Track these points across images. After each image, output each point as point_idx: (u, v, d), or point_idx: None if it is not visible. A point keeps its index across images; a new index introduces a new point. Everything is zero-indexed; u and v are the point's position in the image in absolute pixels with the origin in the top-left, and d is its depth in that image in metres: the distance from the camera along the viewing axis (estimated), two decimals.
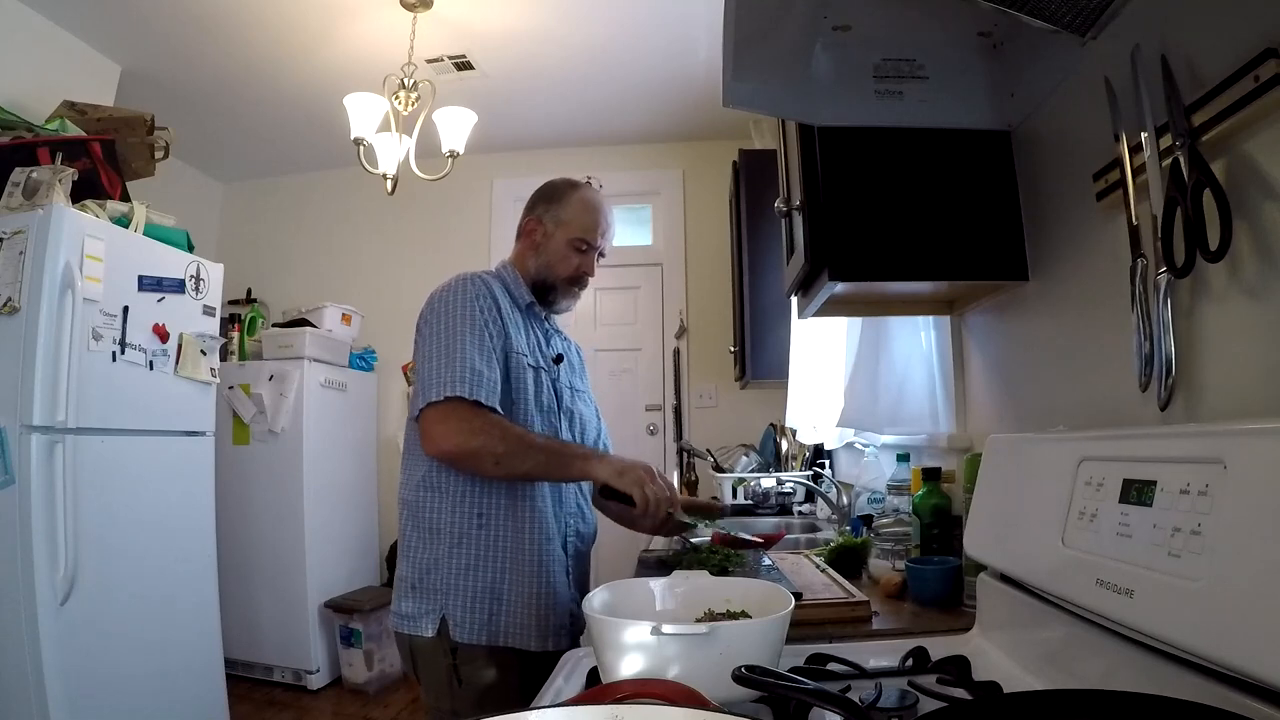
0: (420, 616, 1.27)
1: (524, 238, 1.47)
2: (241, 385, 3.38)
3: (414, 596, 1.29)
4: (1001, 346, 1.25)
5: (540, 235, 1.44)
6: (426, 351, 1.29)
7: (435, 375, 1.24)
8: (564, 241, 1.42)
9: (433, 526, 1.30)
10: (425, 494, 1.31)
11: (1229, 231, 0.65)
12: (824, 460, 2.50)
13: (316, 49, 2.95)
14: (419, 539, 1.31)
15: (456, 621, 1.25)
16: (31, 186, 2.14)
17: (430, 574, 1.28)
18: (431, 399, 1.23)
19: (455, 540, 1.28)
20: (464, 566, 1.27)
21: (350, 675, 3.28)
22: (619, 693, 0.61)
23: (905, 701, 0.68)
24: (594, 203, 1.45)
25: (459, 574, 1.27)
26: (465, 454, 1.23)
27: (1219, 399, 0.72)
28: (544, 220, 1.44)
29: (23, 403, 1.97)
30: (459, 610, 1.26)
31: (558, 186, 1.47)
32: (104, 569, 2.13)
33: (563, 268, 1.43)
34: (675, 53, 3.04)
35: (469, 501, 1.29)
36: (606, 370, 3.85)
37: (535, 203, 1.47)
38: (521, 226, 1.48)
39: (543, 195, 1.47)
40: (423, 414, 1.25)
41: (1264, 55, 0.63)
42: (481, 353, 1.27)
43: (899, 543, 1.32)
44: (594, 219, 1.44)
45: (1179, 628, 0.55)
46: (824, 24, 1.04)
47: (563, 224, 1.43)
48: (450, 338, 1.27)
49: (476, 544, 1.28)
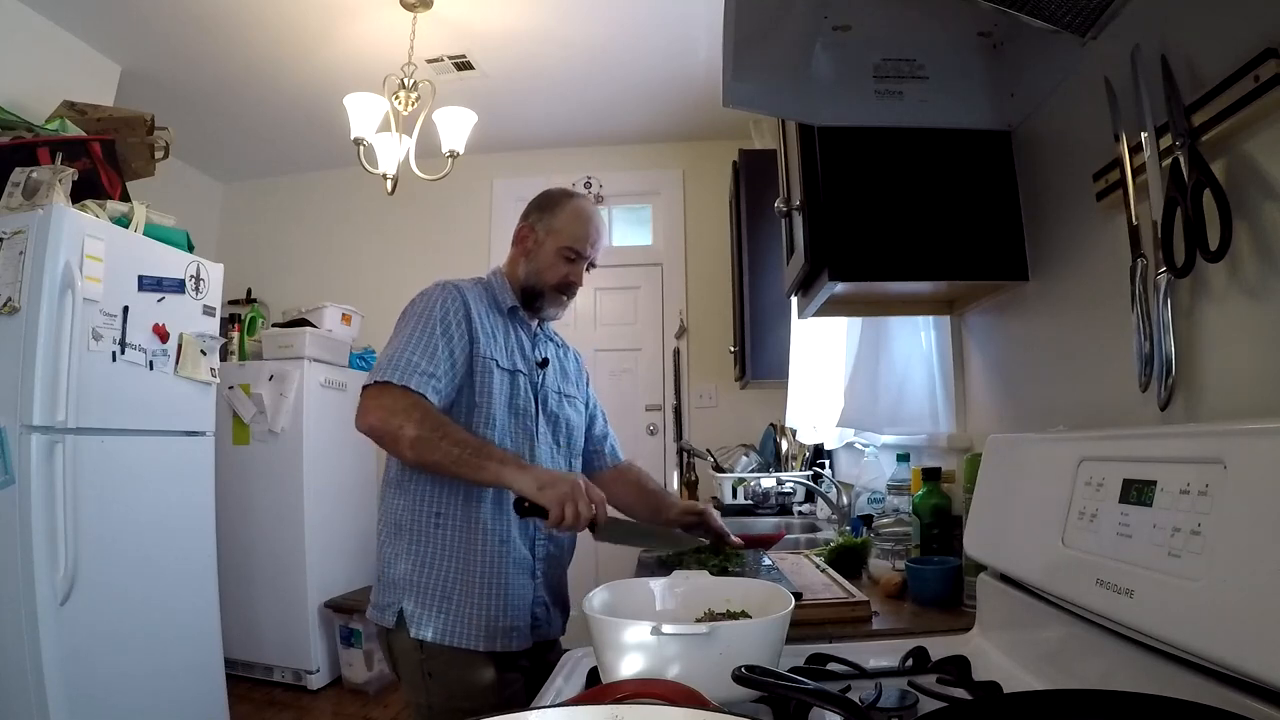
0: (385, 607, 1.34)
1: (517, 244, 1.50)
2: (241, 385, 3.38)
3: (379, 587, 1.37)
4: (1001, 346, 1.25)
5: (531, 242, 1.47)
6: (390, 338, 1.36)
7: (377, 365, 1.31)
8: (554, 249, 1.44)
9: (397, 522, 1.35)
10: (391, 491, 1.38)
11: (1229, 231, 0.65)
12: (824, 460, 2.50)
13: (316, 49, 2.95)
14: (386, 534, 1.37)
15: (412, 617, 1.30)
16: (31, 186, 2.14)
17: (391, 567, 1.34)
18: (365, 383, 1.30)
19: (414, 537, 1.33)
20: (419, 563, 1.32)
21: (350, 675, 3.27)
22: (619, 693, 0.61)
23: (905, 701, 0.68)
24: (586, 213, 1.48)
25: (414, 570, 1.32)
26: (382, 431, 1.26)
27: (1219, 399, 0.72)
28: (536, 228, 1.47)
29: (23, 403, 1.97)
30: (413, 606, 1.30)
31: (553, 195, 1.51)
32: (104, 569, 2.13)
33: (551, 275, 1.44)
34: (675, 53, 3.04)
35: (428, 500, 1.33)
36: (606, 370, 3.85)
37: (530, 210, 1.51)
38: (516, 233, 1.51)
39: (538, 203, 1.50)
40: (361, 394, 1.31)
41: (1264, 55, 0.63)
42: (425, 350, 1.30)
43: (899, 543, 1.32)
44: (584, 229, 1.46)
45: (1179, 628, 0.55)
46: (824, 24, 1.04)
47: (554, 232, 1.45)
48: (399, 335, 1.33)
49: (431, 542, 1.32)
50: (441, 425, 1.25)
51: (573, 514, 1.17)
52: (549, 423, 1.45)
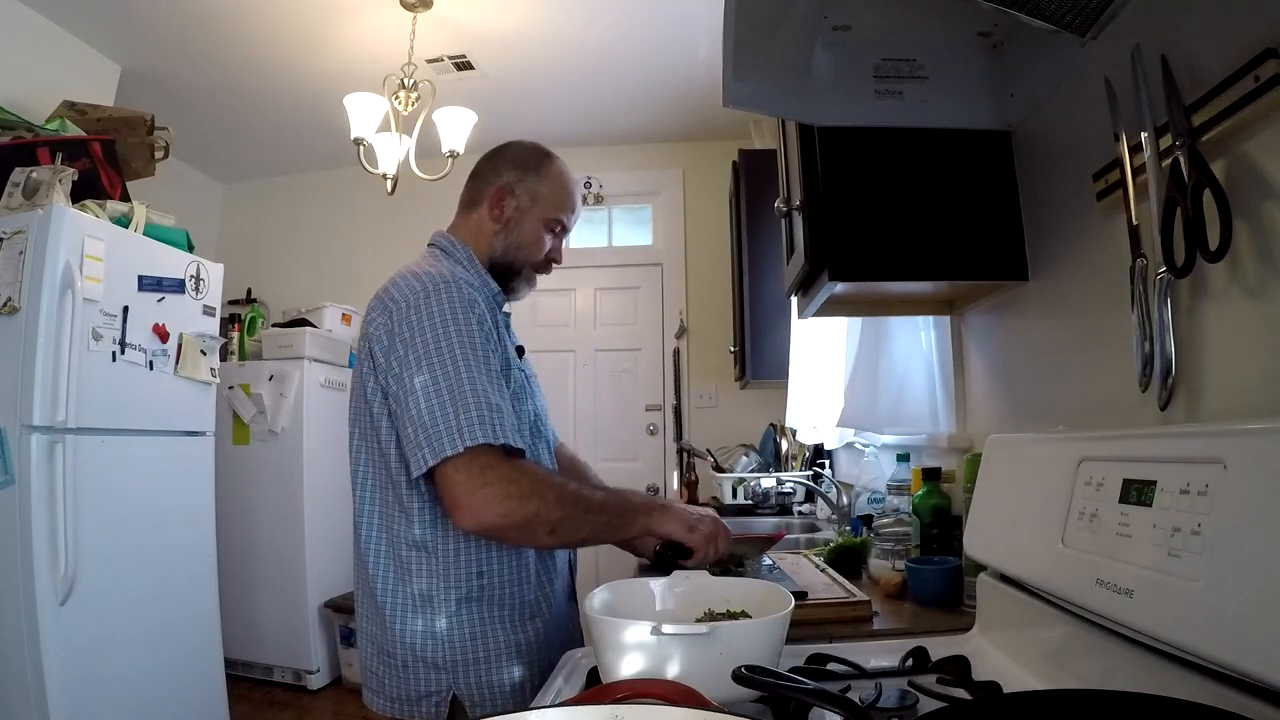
0: (422, 699, 1.06)
1: (489, 206, 1.21)
2: (241, 385, 3.38)
3: (401, 674, 1.06)
4: (1001, 346, 1.25)
5: (512, 209, 1.20)
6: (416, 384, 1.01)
7: (444, 417, 0.98)
8: (539, 220, 1.21)
9: (423, 595, 1.06)
10: (411, 554, 1.07)
11: (1229, 231, 0.65)
12: (824, 460, 2.50)
13: (316, 49, 2.95)
14: (400, 607, 1.07)
15: (472, 701, 1.05)
16: (31, 186, 2.14)
17: (423, 648, 1.06)
18: (447, 453, 0.97)
19: (452, 608, 1.06)
20: (470, 635, 1.07)
21: (350, 675, 3.27)
22: (619, 693, 0.61)
23: (905, 701, 0.68)
24: (570, 177, 1.26)
25: (465, 643, 1.06)
26: (515, 525, 0.99)
27: (1219, 399, 0.72)
28: (517, 191, 1.21)
29: (23, 403, 1.97)
30: (473, 687, 1.06)
31: (532, 153, 1.24)
32: (104, 569, 2.13)
33: (534, 251, 1.22)
34: (675, 53, 3.04)
35: (464, 561, 1.07)
36: (606, 370, 3.85)
37: (502, 166, 1.23)
38: (484, 193, 1.22)
39: (515, 161, 1.23)
40: (440, 473, 0.99)
41: (1264, 55, 0.63)
42: (492, 381, 1.03)
43: (899, 543, 1.32)
44: (572, 196, 1.25)
45: (1179, 628, 0.55)
46: (824, 24, 1.04)
47: (540, 200, 1.21)
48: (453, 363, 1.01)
49: (479, 604, 1.07)
50: (575, 496, 1.04)
51: (714, 552, 1.12)
52: (543, 417, 1.27)
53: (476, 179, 1.26)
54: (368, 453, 1.11)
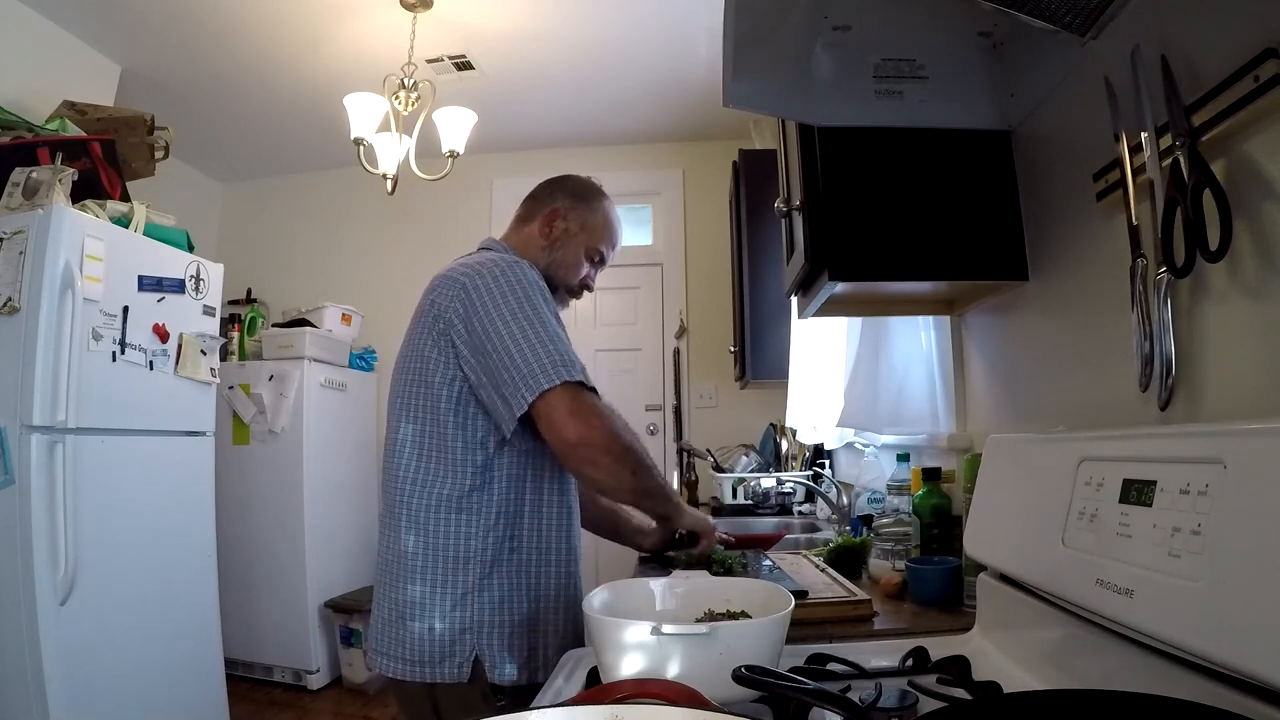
0: (445, 659, 1.10)
1: (540, 224, 1.34)
2: (241, 385, 3.38)
3: (428, 637, 1.11)
4: (1001, 346, 1.25)
5: (560, 230, 1.33)
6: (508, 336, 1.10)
7: (539, 360, 1.08)
8: (582, 246, 1.34)
9: (457, 553, 1.13)
10: (443, 514, 1.13)
11: (1229, 231, 0.65)
12: (824, 460, 2.50)
13: (317, 49, 2.95)
14: (435, 567, 1.13)
15: (493, 662, 1.11)
16: (31, 186, 2.14)
17: (456, 609, 1.11)
18: (545, 386, 1.06)
19: (485, 569, 1.13)
20: (499, 598, 1.13)
21: (350, 675, 3.28)
22: (619, 693, 0.61)
23: (905, 701, 0.68)
24: (617, 216, 1.40)
25: (495, 606, 1.12)
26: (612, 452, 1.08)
27: (1219, 399, 0.72)
28: (568, 217, 1.33)
29: (23, 403, 1.97)
30: (496, 649, 1.11)
31: (588, 188, 1.38)
32: (104, 569, 2.13)
33: (573, 273, 1.34)
34: (675, 53, 3.04)
35: (502, 522, 1.14)
36: (607, 370, 3.85)
37: (561, 193, 1.36)
38: (539, 212, 1.35)
39: (572, 191, 1.37)
40: (544, 402, 1.06)
41: (1264, 55, 0.63)
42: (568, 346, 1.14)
43: (899, 543, 1.32)
44: (615, 235, 1.38)
45: (1179, 628, 0.55)
46: (824, 24, 1.04)
47: (588, 229, 1.34)
48: (539, 319, 1.12)
49: (508, 570, 1.14)
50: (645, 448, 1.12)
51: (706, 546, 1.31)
52: None
53: (534, 199, 1.38)
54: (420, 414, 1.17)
